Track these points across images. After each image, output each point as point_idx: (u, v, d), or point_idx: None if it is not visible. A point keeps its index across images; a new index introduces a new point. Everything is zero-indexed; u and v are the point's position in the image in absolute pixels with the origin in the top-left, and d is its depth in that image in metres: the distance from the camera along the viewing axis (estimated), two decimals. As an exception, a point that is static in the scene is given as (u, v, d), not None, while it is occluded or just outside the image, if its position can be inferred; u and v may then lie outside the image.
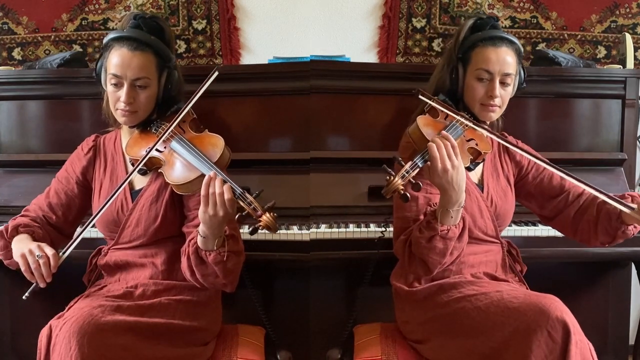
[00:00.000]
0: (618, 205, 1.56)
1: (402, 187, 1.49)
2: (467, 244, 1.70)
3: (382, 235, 1.99)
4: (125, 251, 1.75)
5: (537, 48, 2.77)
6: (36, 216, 1.80)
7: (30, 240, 1.67)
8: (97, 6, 2.75)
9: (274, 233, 1.52)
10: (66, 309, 1.64)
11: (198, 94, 1.68)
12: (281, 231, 2.07)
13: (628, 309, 2.45)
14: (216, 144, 1.67)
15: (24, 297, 1.55)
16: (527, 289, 1.79)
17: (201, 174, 1.59)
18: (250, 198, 1.51)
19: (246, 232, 1.54)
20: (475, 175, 1.80)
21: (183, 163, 1.64)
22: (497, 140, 1.73)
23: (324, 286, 2.26)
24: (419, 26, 2.80)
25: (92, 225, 1.65)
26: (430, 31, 2.81)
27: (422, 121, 1.66)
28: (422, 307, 1.71)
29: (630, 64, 2.48)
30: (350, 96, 2.33)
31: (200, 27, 2.78)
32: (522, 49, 1.80)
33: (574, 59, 2.49)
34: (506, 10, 2.78)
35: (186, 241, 1.67)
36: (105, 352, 1.45)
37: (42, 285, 1.57)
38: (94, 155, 1.84)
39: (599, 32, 2.77)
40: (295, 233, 2.07)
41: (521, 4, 2.78)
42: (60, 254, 1.59)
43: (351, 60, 2.49)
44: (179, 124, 1.71)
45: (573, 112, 2.40)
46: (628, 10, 2.76)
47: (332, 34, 2.76)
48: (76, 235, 1.61)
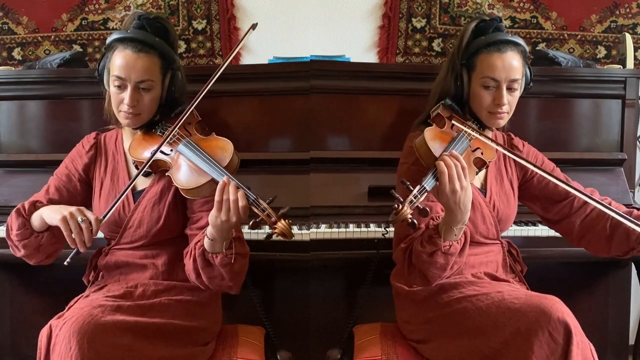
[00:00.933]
0: (630, 224, 1.53)
1: (410, 216, 1.44)
2: (469, 246, 1.70)
3: (383, 236, 1.99)
4: (126, 252, 1.75)
5: (537, 48, 2.77)
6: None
7: (61, 205, 1.64)
8: (97, 6, 2.75)
9: (289, 239, 1.50)
10: (66, 308, 1.64)
11: (203, 92, 1.66)
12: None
13: (628, 309, 2.45)
14: (225, 147, 1.65)
15: (65, 263, 1.52)
16: (527, 289, 1.79)
17: (211, 179, 1.57)
18: (264, 204, 1.50)
19: (257, 236, 1.52)
20: (478, 179, 1.78)
21: (192, 167, 1.62)
22: (503, 152, 1.70)
23: (324, 286, 2.26)
24: (419, 26, 2.80)
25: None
26: (430, 31, 2.81)
27: (429, 134, 1.60)
28: (423, 307, 1.71)
29: (630, 64, 2.48)
30: (350, 96, 2.33)
31: (200, 27, 2.78)
32: (527, 49, 1.76)
33: (574, 59, 2.49)
34: (506, 10, 2.78)
35: (191, 243, 1.66)
36: (105, 352, 1.45)
37: (82, 250, 1.53)
38: (95, 153, 1.82)
39: (599, 32, 2.77)
40: (295, 233, 2.06)
41: (521, 4, 2.78)
42: (100, 217, 1.56)
43: (351, 60, 2.49)
44: (184, 126, 1.69)
45: (573, 112, 2.40)
46: (628, 10, 2.76)
47: (332, 34, 2.76)
48: (110, 208, 1.58)
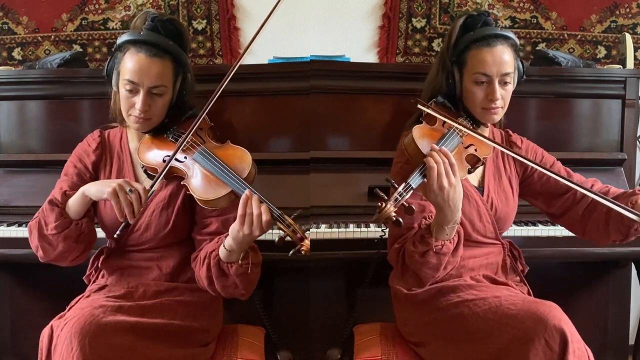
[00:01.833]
0: (623, 211, 1.53)
1: (395, 214, 1.42)
2: (466, 247, 1.69)
3: (381, 237, 1.99)
4: (130, 254, 1.74)
5: (537, 48, 2.77)
6: None
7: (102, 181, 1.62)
8: (97, 6, 2.75)
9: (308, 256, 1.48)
10: (67, 309, 1.64)
11: (213, 100, 1.62)
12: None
13: (628, 309, 2.45)
14: (243, 158, 1.62)
15: (115, 235, 1.52)
16: (528, 291, 1.79)
17: (231, 191, 1.55)
18: (289, 220, 1.48)
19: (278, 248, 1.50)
20: (475, 177, 1.77)
21: (209, 177, 1.59)
22: (499, 149, 1.69)
23: (324, 286, 2.26)
24: (419, 26, 2.80)
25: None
26: (430, 31, 2.81)
27: (417, 132, 1.58)
28: (421, 310, 1.70)
29: (630, 64, 2.48)
30: (350, 96, 2.33)
31: (200, 27, 2.78)
32: (517, 41, 1.72)
33: (574, 59, 2.49)
34: (506, 10, 2.78)
35: (202, 250, 1.64)
36: (106, 353, 1.45)
37: (132, 221, 1.52)
38: (102, 151, 1.79)
39: (599, 32, 2.77)
40: (295, 233, 2.07)
41: (521, 4, 2.78)
42: (149, 187, 1.55)
43: (351, 60, 2.49)
44: (197, 133, 1.66)
45: (573, 112, 2.40)
46: (628, 10, 2.76)
47: (332, 34, 2.76)
48: (164, 167, 1.57)
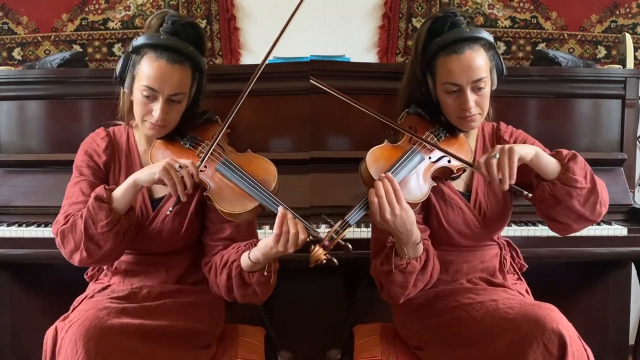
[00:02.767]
0: (458, 162, 1.53)
1: (325, 256, 1.40)
2: (459, 251, 1.68)
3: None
4: (137, 257, 1.71)
5: (537, 48, 2.77)
6: None
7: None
8: (97, 6, 2.75)
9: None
10: (70, 309, 1.63)
11: (239, 103, 1.56)
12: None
13: (628, 309, 2.45)
14: (268, 169, 1.58)
15: (168, 212, 1.49)
16: (527, 290, 1.78)
17: (259, 204, 1.51)
18: (315, 231, 1.44)
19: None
20: (462, 182, 1.71)
21: (234, 189, 1.54)
22: (468, 168, 1.59)
23: (324, 286, 2.26)
24: (418, 26, 2.80)
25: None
26: (430, 31, 2.80)
27: (371, 157, 1.54)
28: (418, 315, 1.70)
29: (630, 64, 2.48)
30: (350, 96, 2.32)
31: (200, 27, 2.78)
32: (490, 39, 1.60)
33: (574, 59, 2.49)
34: (506, 10, 2.78)
35: (219, 256, 1.61)
36: (111, 355, 1.44)
37: (184, 198, 1.47)
38: (112, 151, 1.71)
39: (599, 32, 2.77)
40: (295, 233, 2.06)
41: (521, 4, 2.78)
42: (198, 163, 1.51)
43: (351, 60, 2.49)
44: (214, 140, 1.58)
45: (573, 112, 2.40)
46: (628, 10, 2.76)
47: (332, 34, 2.76)
48: (218, 134, 1.55)
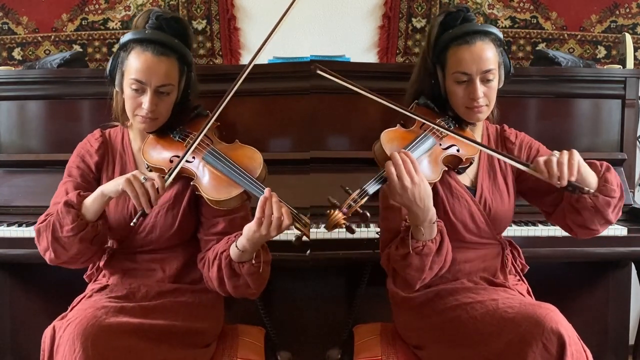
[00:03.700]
0: (516, 164, 1.54)
1: (344, 221, 1.40)
2: (461, 249, 1.68)
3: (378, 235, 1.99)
4: (133, 255, 1.72)
5: (537, 48, 2.77)
6: None
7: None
8: (97, 6, 2.75)
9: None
10: (69, 309, 1.63)
11: (228, 96, 1.60)
12: (297, 231, 2.06)
13: (628, 309, 2.45)
14: (253, 157, 1.61)
15: (132, 224, 1.50)
16: (528, 291, 1.78)
17: (243, 191, 1.54)
18: (305, 219, 1.47)
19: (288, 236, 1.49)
20: (467, 177, 1.73)
21: (221, 178, 1.57)
22: (482, 149, 1.64)
23: (324, 286, 2.26)
24: (419, 26, 2.80)
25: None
26: (430, 31, 2.81)
27: (385, 137, 1.56)
28: (419, 314, 1.70)
29: (630, 64, 2.48)
30: (350, 96, 2.30)
31: (200, 27, 2.78)
32: (500, 35, 1.66)
33: (574, 59, 2.49)
34: (506, 10, 2.78)
35: (210, 251, 1.63)
36: (109, 354, 1.44)
37: (148, 210, 1.49)
38: (104, 151, 1.75)
39: (599, 32, 2.77)
40: (295, 233, 2.06)
41: (521, 4, 2.78)
42: (165, 177, 1.53)
43: (351, 60, 2.49)
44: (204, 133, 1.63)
45: (573, 112, 2.40)
46: (628, 10, 2.76)
47: (332, 34, 2.76)
48: (177, 162, 1.55)
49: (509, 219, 1.78)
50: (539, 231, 2.14)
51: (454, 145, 1.60)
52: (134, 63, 1.61)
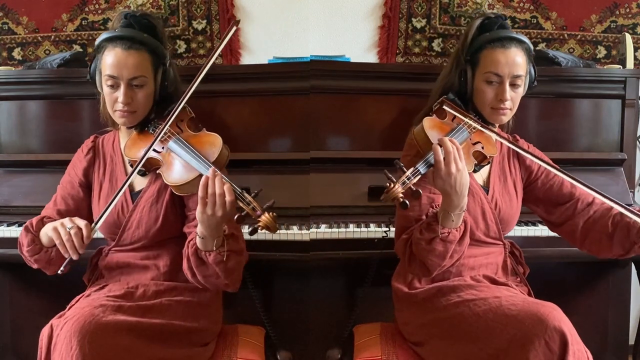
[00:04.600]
0: (638, 219, 1.53)
1: (402, 195, 1.47)
2: (469, 245, 1.69)
3: (385, 235, 1.99)
4: (126, 253, 1.75)
5: (537, 48, 2.76)
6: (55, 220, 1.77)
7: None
8: (97, 6, 2.75)
9: (274, 233, 1.50)
10: (67, 308, 1.64)
11: (188, 93, 1.64)
12: (281, 231, 2.07)
13: (628, 309, 2.45)
14: (214, 142, 1.65)
15: (59, 271, 1.53)
16: (528, 292, 1.79)
17: (199, 174, 1.57)
18: (249, 198, 1.49)
19: (246, 232, 1.53)
20: (480, 177, 1.78)
21: (181, 163, 1.62)
22: (507, 144, 1.71)
23: (324, 286, 2.26)
24: (419, 26, 2.80)
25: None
26: (430, 31, 2.81)
27: (427, 123, 1.64)
28: (421, 309, 1.71)
29: (630, 64, 2.48)
30: (350, 96, 2.33)
31: (200, 27, 2.78)
32: (531, 47, 1.76)
33: (574, 59, 2.49)
34: (506, 10, 2.77)
35: (187, 243, 1.66)
36: (106, 352, 1.45)
37: (74, 257, 1.53)
38: (93, 156, 1.82)
39: (599, 32, 2.77)
40: (295, 233, 2.07)
41: (521, 4, 2.78)
42: (92, 225, 1.57)
43: (351, 60, 2.49)
44: (176, 124, 1.69)
45: (573, 112, 2.40)
46: (628, 10, 2.76)
47: (332, 34, 2.76)
48: (105, 209, 1.58)
49: (514, 221, 1.81)
50: (539, 231, 2.14)
51: (479, 142, 1.67)
52: (106, 60, 1.68)
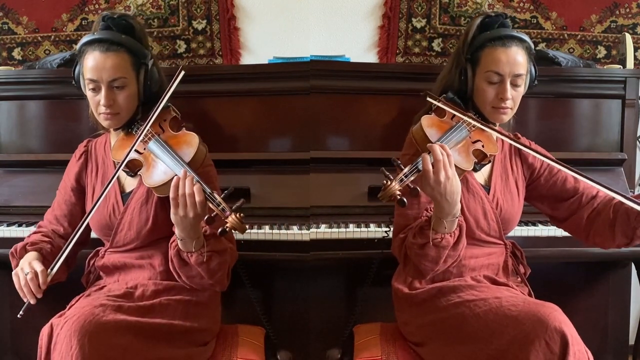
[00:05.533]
0: (636, 205, 1.53)
1: (399, 193, 1.46)
2: (468, 245, 1.69)
3: (385, 235, 1.99)
4: (121, 254, 1.75)
5: (537, 48, 2.76)
6: (47, 231, 1.80)
7: (34, 258, 1.65)
8: (97, 6, 2.75)
9: (242, 234, 1.48)
10: (67, 307, 1.65)
11: (166, 96, 1.63)
12: (281, 231, 2.07)
13: (628, 309, 2.45)
14: (190, 142, 1.63)
15: (18, 315, 1.56)
16: (528, 292, 1.79)
17: (174, 176, 1.55)
18: (219, 199, 1.49)
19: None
20: (481, 175, 1.77)
21: (160, 165, 1.61)
22: (508, 142, 1.70)
23: (324, 286, 2.26)
24: (419, 26, 2.80)
25: (81, 235, 1.59)
26: (430, 31, 2.81)
27: (426, 121, 1.63)
28: (421, 310, 1.70)
29: (630, 64, 2.48)
30: (350, 96, 2.33)
31: (200, 27, 2.78)
32: (532, 46, 1.74)
33: (574, 59, 2.49)
34: (506, 10, 2.77)
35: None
36: (106, 352, 1.45)
37: (32, 301, 1.56)
38: (85, 160, 1.83)
39: (599, 32, 2.77)
40: (295, 233, 2.07)
41: (521, 4, 2.78)
42: (48, 270, 1.58)
43: (351, 60, 2.49)
44: (158, 124, 1.68)
45: (573, 112, 2.40)
46: (628, 10, 2.76)
47: (332, 34, 2.76)
48: (62, 251, 1.59)
49: (516, 221, 1.80)
50: (539, 231, 2.14)
51: (479, 140, 1.65)
52: (87, 64, 1.67)
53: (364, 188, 2.22)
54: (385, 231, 2.01)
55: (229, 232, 1.47)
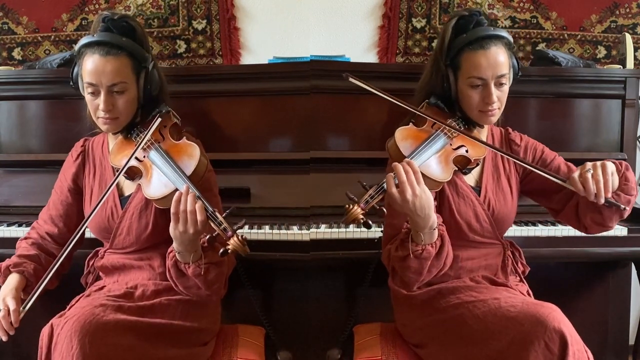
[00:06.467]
0: (553, 178, 1.57)
1: (362, 216, 1.42)
2: (464, 247, 1.69)
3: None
4: (121, 255, 1.74)
5: (537, 48, 2.76)
6: (38, 237, 1.78)
7: (12, 288, 1.63)
8: (97, 6, 2.75)
9: (244, 255, 1.45)
10: (67, 307, 1.65)
11: (149, 131, 1.61)
12: (281, 231, 2.07)
13: (628, 309, 2.45)
14: (192, 154, 1.60)
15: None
16: (528, 292, 1.78)
17: (175, 189, 1.54)
18: (221, 218, 1.46)
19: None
20: (472, 177, 1.75)
21: (160, 176, 1.58)
22: (489, 148, 1.66)
23: (324, 286, 2.26)
24: (419, 26, 2.80)
25: (76, 242, 1.58)
26: (430, 31, 2.81)
27: (399, 134, 1.58)
28: (420, 312, 1.70)
29: (630, 64, 2.48)
30: (350, 96, 2.33)
31: (200, 27, 2.78)
32: (511, 39, 1.68)
33: (574, 59, 2.49)
34: (506, 10, 2.78)
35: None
36: (106, 352, 1.45)
37: (4, 338, 1.55)
38: (82, 160, 1.80)
39: (599, 32, 2.77)
40: (295, 233, 2.07)
41: (521, 4, 2.78)
42: (21, 308, 1.56)
43: (351, 60, 2.49)
44: (159, 130, 1.64)
45: (573, 112, 2.40)
46: (628, 10, 2.76)
47: (332, 34, 2.76)
48: (45, 276, 1.56)
49: (511, 220, 1.79)
50: (539, 231, 2.14)
51: (463, 145, 1.61)
52: (86, 67, 1.64)
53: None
54: (381, 231, 2.01)
55: (230, 253, 1.43)
